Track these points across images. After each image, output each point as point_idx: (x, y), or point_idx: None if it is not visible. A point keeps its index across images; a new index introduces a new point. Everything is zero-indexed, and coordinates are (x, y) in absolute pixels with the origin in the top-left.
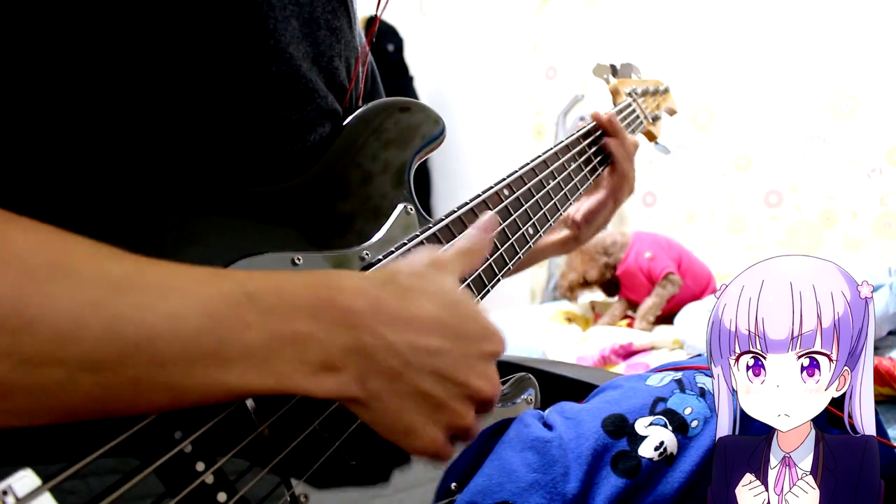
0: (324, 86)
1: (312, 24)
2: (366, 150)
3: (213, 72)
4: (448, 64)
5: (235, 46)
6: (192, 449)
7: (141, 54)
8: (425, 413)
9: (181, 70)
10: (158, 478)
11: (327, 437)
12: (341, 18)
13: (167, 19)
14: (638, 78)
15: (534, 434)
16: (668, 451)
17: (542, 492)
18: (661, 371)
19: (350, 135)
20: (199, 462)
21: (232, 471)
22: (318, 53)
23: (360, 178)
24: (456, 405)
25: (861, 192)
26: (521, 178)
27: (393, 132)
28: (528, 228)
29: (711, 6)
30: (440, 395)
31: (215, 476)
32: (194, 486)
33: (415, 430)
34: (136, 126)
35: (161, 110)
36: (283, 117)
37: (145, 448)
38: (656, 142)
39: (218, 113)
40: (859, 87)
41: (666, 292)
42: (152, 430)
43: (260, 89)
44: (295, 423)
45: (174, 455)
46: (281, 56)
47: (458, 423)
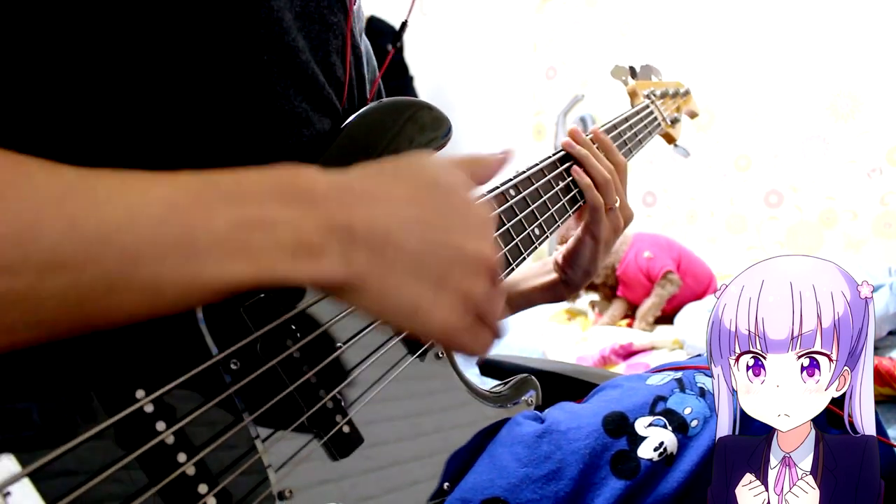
0: (321, 80)
1: (305, 17)
2: (370, 149)
3: (205, 62)
4: (448, 64)
5: (227, 35)
6: (173, 441)
7: (136, 44)
8: (428, 286)
9: (172, 58)
10: (141, 469)
11: (316, 432)
12: (338, 14)
13: (159, 6)
14: (658, 80)
15: (525, 430)
16: (667, 451)
17: (533, 486)
18: (662, 371)
19: (353, 132)
20: (180, 453)
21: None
22: (313, 48)
23: None
24: (458, 272)
25: (861, 192)
26: (528, 178)
27: (399, 131)
28: (534, 229)
29: (711, 6)
30: (437, 265)
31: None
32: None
33: (423, 305)
34: (132, 118)
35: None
36: (277, 108)
37: (127, 436)
38: (675, 144)
39: (213, 104)
40: (859, 87)
41: (665, 292)
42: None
43: (252, 79)
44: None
45: (157, 443)
46: (273, 46)
47: (469, 291)
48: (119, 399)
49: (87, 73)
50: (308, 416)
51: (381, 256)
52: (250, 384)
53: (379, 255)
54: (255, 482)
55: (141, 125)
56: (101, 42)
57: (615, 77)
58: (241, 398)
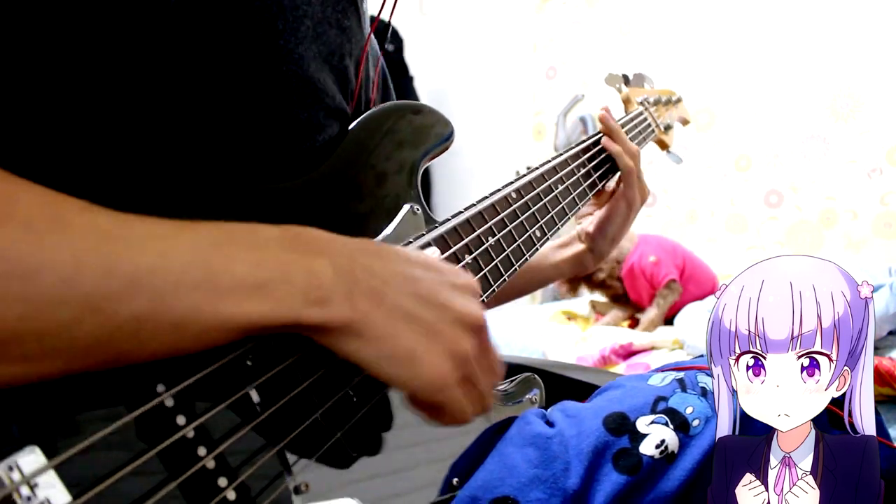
0: (333, 85)
1: (324, 23)
2: (374, 151)
3: (222, 72)
4: (448, 64)
5: (245, 47)
6: (193, 435)
7: (151, 53)
8: (421, 337)
9: (191, 70)
10: (162, 463)
11: (329, 427)
12: (351, 18)
13: (178, 19)
14: (650, 87)
15: (535, 431)
16: (669, 449)
17: (542, 487)
18: (663, 371)
19: (357, 135)
20: (200, 447)
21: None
22: (330, 53)
23: (367, 178)
24: (447, 328)
25: (861, 192)
26: (530, 182)
27: (401, 134)
28: (535, 231)
29: (712, 6)
30: (429, 318)
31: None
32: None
33: (417, 355)
34: (145, 126)
35: (170, 110)
36: (292, 117)
37: (148, 430)
38: (668, 150)
39: (227, 112)
40: (859, 87)
41: (666, 302)
42: (158, 415)
43: (269, 89)
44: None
45: (177, 440)
46: (290, 56)
47: (455, 348)
48: (140, 393)
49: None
50: (323, 412)
51: (380, 303)
52: (268, 380)
53: (379, 301)
54: (273, 476)
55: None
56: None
57: (609, 84)
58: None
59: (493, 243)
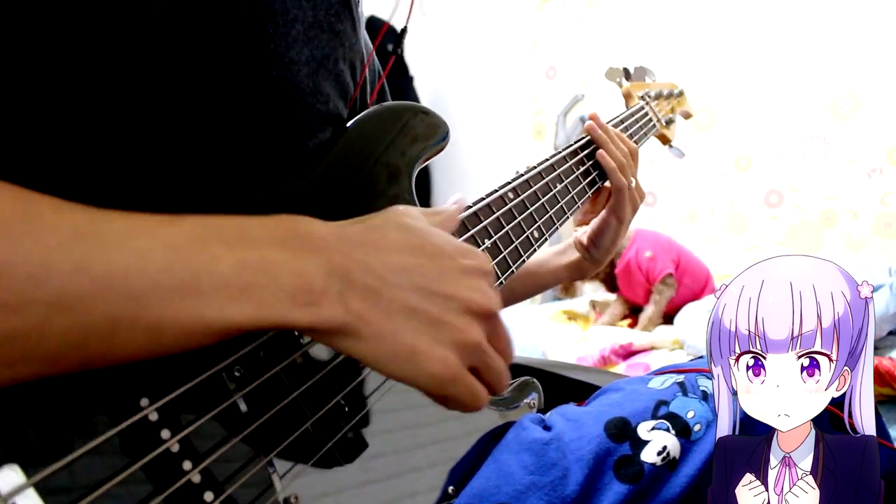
0: (329, 90)
1: (316, 27)
2: (369, 153)
3: (211, 76)
4: (448, 64)
5: (234, 51)
6: (178, 449)
7: (139, 58)
8: (424, 331)
9: (179, 74)
10: (147, 478)
11: (320, 437)
12: (344, 21)
13: (165, 24)
14: (652, 81)
15: (531, 436)
16: (670, 455)
17: (539, 493)
18: (663, 373)
19: (352, 137)
20: (186, 461)
21: (219, 469)
22: (323, 57)
23: (361, 180)
24: (453, 319)
25: (861, 192)
26: (526, 181)
27: (398, 135)
28: (532, 232)
29: (712, 6)
30: (433, 310)
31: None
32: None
33: (419, 350)
34: (134, 129)
35: (159, 114)
36: (283, 121)
37: (132, 445)
38: (670, 145)
39: (216, 116)
40: (859, 87)
41: (663, 297)
42: (142, 429)
43: (259, 93)
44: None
45: (161, 453)
46: (280, 60)
47: (462, 338)
48: (123, 407)
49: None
50: (312, 423)
51: (377, 301)
52: (254, 391)
53: (375, 300)
54: (261, 489)
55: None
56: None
57: (609, 79)
58: (245, 405)
59: (489, 245)
